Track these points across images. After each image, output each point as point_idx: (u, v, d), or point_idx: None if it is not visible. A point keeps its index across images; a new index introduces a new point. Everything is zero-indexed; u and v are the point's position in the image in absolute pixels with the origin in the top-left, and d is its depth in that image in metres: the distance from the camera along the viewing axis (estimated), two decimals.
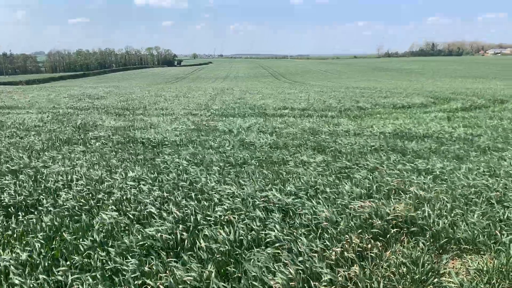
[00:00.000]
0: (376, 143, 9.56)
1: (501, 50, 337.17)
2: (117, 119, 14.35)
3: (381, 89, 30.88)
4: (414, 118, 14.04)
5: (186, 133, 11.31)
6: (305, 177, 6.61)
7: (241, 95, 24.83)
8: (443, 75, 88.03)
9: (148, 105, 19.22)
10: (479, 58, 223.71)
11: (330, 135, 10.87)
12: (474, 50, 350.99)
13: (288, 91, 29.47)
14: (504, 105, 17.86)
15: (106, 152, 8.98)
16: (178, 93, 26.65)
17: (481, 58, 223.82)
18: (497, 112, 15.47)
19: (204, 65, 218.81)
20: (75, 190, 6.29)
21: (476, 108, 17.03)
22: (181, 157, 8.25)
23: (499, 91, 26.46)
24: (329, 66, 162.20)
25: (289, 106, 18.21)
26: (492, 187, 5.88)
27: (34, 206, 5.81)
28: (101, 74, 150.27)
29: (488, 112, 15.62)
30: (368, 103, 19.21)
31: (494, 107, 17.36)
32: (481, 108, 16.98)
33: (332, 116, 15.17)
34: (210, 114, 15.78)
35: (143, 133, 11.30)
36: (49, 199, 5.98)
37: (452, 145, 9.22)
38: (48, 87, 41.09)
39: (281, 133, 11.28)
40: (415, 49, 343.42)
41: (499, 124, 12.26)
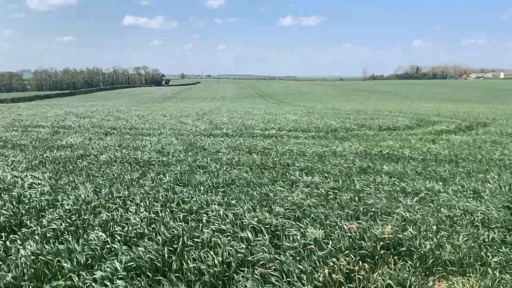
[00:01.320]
0: (362, 164, 9.66)
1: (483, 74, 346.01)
2: (104, 139, 14.26)
3: (367, 111, 31.31)
4: (400, 140, 14.23)
5: (173, 152, 11.27)
6: (293, 197, 6.63)
7: (228, 115, 24.93)
8: (428, 98, 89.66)
9: (135, 124, 19.16)
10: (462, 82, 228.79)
11: (317, 156, 10.94)
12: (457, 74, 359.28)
13: (275, 111, 29.70)
14: (487, 127, 18.24)
15: (92, 172, 8.89)
16: (165, 113, 26.65)
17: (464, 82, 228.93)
18: (480, 134, 15.78)
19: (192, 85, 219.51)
20: (61, 210, 6.20)
21: (460, 131, 17.35)
22: (168, 177, 8.21)
23: (482, 114, 27.04)
24: (317, 88, 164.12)
25: (277, 127, 18.33)
26: (476, 209, 5.97)
27: (18, 226, 5.70)
28: (88, 93, 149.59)
29: (472, 134, 15.93)
30: (354, 124, 19.44)
31: (477, 129, 17.71)
32: (465, 131, 17.31)
33: (320, 137, 15.30)
34: (198, 134, 15.79)
35: (130, 153, 11.23)
36: (33, 219, 5.87)
37: (437, 167, 9.36)
38: (34, 105, 40.74)
39: (269, 153, 11.32)
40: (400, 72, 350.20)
41: (483, 147, 12.50)
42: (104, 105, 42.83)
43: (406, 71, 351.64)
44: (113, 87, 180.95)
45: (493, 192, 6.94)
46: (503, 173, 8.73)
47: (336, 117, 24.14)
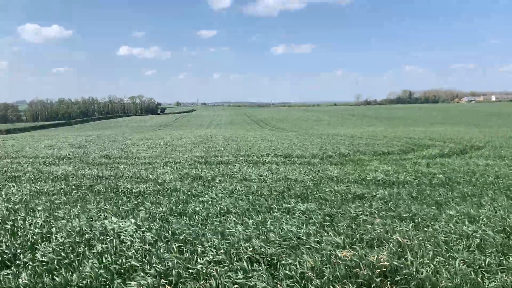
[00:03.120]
0: (358, 190, 9.67)
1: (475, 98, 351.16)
2: (99, 168, 14.23)
3: (361, 136, 31.51)
4: (395, 165, 14.29)
5: (169, 182, 11.25)
6: (289, 225, 6.61)
7: (224, 142, 25.00)
8: (421, 122, 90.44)
9: (130, 153, 19.15)
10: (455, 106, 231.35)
11: (313, 182, 10.95)
12: (449, 98, 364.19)
13: (270, 138, 29.83)
14: (481, 151, 18.38)
15: (87, 203, 8.84)
16: (161, 141, 26.68)
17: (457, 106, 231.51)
18: (474, 158, 15.89)
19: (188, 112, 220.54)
20: (55, 243, 6.14)
21: (454, 154, 17.47)
22: (164, 206, 8.18)
23: (475, 138, 27.28)
24: (311, 113, 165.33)
25: (272, 153, 18.38)
26: (472, 234, 5.97)
27: (11, 260, 5.62)
28: (84, 122, 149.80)
29: (466, 158, 16.03)
30: (349, 149, 19.54)
31: (471, 153, 17.84)
32: (459, 154, 17.42)
33: (315, 163, 15.33)
34: (193, 161, 15.79)
35: (126, 182, 11.20)
36: (27, 253, 5.80)
37: (432, 191, 9.39)
38: (29, 135, 40.69)
39: (265, 180, 11.32)
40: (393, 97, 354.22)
41: (476, 170, 12.57)
42: (100, 134, 42.87)
43: (399, 95, 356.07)
44: (108, 116, 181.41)
45: (488, 216, 6.95)
46: (498, 196, 8.77)
47: (331, 142, 24.26)
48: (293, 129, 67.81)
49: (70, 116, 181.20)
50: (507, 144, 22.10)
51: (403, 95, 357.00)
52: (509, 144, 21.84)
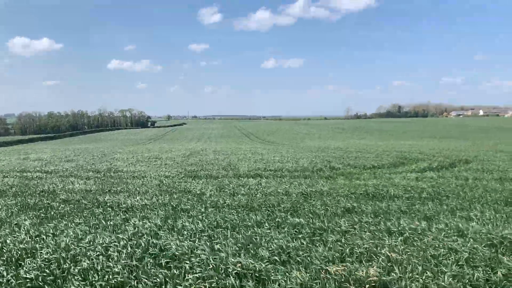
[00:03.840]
0: (348, 204, 9.67)
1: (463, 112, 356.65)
2: (87, 182, 14.08)
3: (351, 149, 31.65)
4: (384, 178, 14.35)
5: (158, 196, 11.15)
6: (278, 240, 6.56)
7: (214, 156, 24.93)
8: (410, 136, 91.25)
9: (119, 167, 18.99)
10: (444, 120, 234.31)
11: (303, 196, 10.94)
12: (438, 112, 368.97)
13: (261, 151, 29.82)
14: (469, 165, 18.55)
15: (74, 218, 8.71)
16: (150, 155, 26.53)
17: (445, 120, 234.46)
18: (462, 172, 16.02)
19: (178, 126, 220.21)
20: (40, 259, 6.02)
21: (443, 168, 17.60)
22: (152, 221, 8.08)
23: (464, 151, 27.56)
24: (301, 127, 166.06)
25: (262, 167, 18.35)
26: (460, 248, 5.98)
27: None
28: (73, 136, 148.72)
29: (454, 172, 16.16)
30: (339, 163, 19.59)
31: (460, 166, 18.00)
32: (448, 168, 17.56)
33: (305, 177, 15.33)
34: (183, 175, 15.70)
35: (114, 197, 11.08)
36: (10, 270, 5.67)
37: (421, 205, 9.42)
38: (16, 149, 40.23)
39: (255, 194, 11.28)
40: (383, 111, 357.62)
41: (465, 184, 12.67)
42: (89, 148, 42.54)
43: (389, 109, 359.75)
44: (98, 129, 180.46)
45: (476, 230, 6.98)
46: (486, 210, 8.82)
47: (321, 156, 24.32)
48: (284, 143, 67.98)
49: (59, 129, 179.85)
50: (494, 158, 22.35)
51: (393, 109, 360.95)
52: (496, 158, 22.09)
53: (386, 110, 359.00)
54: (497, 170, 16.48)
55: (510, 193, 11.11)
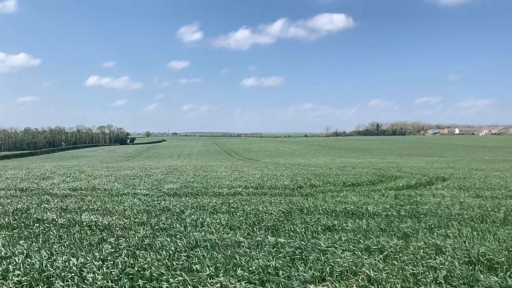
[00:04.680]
0: (328, 222, 9.68)
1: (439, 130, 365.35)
2: (64, 200, 13.75)
3: (331, 167, 31.88)
4: (364, 196, 14.46)
5: (136, 214, 10.96)
6: (258, 259, 6.50)
7: (194, 173, 24.74)
8: (388, 153, 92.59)
9: (97, 185, 18.65)
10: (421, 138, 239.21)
11: (283, 214, 10.91)
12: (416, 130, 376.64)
13: (241, 168, 29.75)
14: (446, 182, 18.88)
15: (49, 237, 8.46)
16: (129, 172, 26.16)
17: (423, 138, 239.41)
18: (440, 189, 16.29)
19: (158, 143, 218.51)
20: (11, 281, 5.80)
21: (421, 186, 17.86)
22: (130, 240, 7.92)
23: (441, 169, 28.08)
24: (282, 144, 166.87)
25: (243, 184, 18.29)
26: (439, 266, 6.03)
27: None
28: (50, 152, 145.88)
29: (432, 189, 16.42)
30: (320, 180, 19.69)
31: (437, 184, 18.30)
32: (425, 186, 17.83)
33: (286, 194, 15.34)
34: (162, 194, 15.51)
35: (91, 216, 10.83)
36: None
37: (400, 223, 9.51)
38: None
39: (235, 212, 11.19)
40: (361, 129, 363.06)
41: (442, 201, 12.87)
42: (66, 165, 41.69)
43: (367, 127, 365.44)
44: (75, 146, 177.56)
45: (454, 247, 7.06)
46: (463, 227, 8.96)
47: (302, 173, 24.40)
48: (264, 160, 68.07)
49: (36, 146, 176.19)
50: (470, 175, 22.83)
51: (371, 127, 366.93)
52: (472, 176, 22.57)
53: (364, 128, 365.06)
54: (473, 187, 16.82)
55: (486, 210, 11.32)
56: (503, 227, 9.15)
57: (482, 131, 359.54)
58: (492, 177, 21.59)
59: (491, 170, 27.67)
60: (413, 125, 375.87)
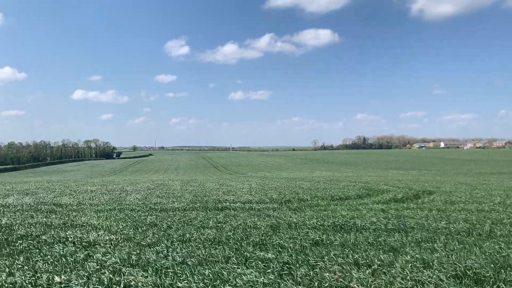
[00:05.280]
0: (317, 236, 9.66)
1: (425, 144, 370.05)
2: (48, 216, 13.50)
3: (319, 180, 31.95)
4: (352, 210, 14.49)
5: (122, 230, 10.80)
6: (246, 275, 6.44)
7: (181, 188, 24.56)
8: (375, 167, 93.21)
9: (83, 200, 18.39)
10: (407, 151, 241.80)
11: (271, 229, 10.86)
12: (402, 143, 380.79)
13: (229, 183, 29.64)
14: (433, 196, 19.05)
15: (32, 254, 8.28)
16: (115, 187, 25.86)
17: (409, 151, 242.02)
18: (426, 203, 16.42)
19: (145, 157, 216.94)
20: None
21: (408, 199, 17.98)
22: (116, 257, 7.78)
23: (427, 183, 28.34)
24: (270, 158, 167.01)
25: (231, 199, 18.20)
26: (426, 280, 6.04)
27: None
28: (35, 167, 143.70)
29: (419, 203, 16.54)
30: (307, 194, 19.69)
31: (423, 198, 18.44)
32: (412, 199, 17.95)
33: (274, 209, 15.28)
34: (149, 209, 15.33)
35: (75, 231, 10.65)
36: None
37: (388, 237, 9.53)
38: None
39: (223, 228, 11.10)
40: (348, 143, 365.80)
41: (429, 215, 12.95)
42: (51, 180, 41.09)
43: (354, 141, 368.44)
44: (61, 161, 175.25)
45: (441, 261, 7.09)
46: (450, 241, 9.01)
47: (290, 187, 24.39)
48: (252, 174, 67.95)
49: (20, 160, 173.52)
50: (456, 189, 23.07)
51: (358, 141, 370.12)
52: (458, 189, 22.81)
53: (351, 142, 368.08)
54: (459, 201, 16.99)
55: (472, 223, 11.43)
56: (489, 240, 9.24)
57: (467, 144, 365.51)
58: (477, 190, 21.85)
59: (477, 183, 28.01)
60: (399, 139, 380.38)
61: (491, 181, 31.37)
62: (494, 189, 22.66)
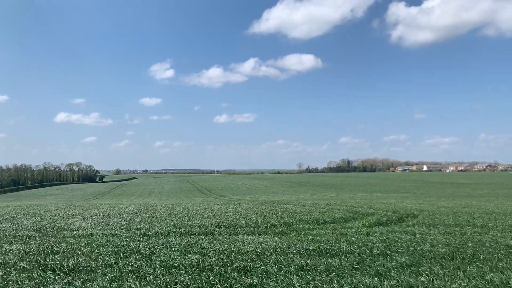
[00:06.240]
0: (302, 261, 9.58)
1: (408, 167, 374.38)
2: (27, 242, 13.14)
3: (304, 204, 31.91)
4: (337, 234, 14.46)
5: (103, 256, 10.55)
6: None
7: (165, 212, 24.23)
8: (360, 190, 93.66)
9: (63, 225, 17.98)
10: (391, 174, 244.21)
11: (256, 254, 10.74)
12: (385, 167, 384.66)
13: (214, 206, 29.38)
14: (416, 219, 19.17)
15: (9, 282, 8.01)
16: (97, 211, 25.39)
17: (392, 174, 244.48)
18: (411, 226, 16.50)
19: (128, 180, 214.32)
20: None
21: (392, 223, 18.04)
22: (96, 285, 7.59)
23: (410, 206, 28.55)
24: (255, 181, 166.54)
25: (215, 223, 18.00)
26: None
27: None
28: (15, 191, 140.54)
29: (403, 226, 16.61)
30: (292, 218, 19.61)
31: (408, 221, 18.54)
32: (397, 223, 18.03)
33: (259, 233, 15.16)
34: (131, 234, 15.06)
35: (55, 258, 10.37)
36: None
37: (373, 261, 9.51)
38: None
39: (207, 253, 10.95)
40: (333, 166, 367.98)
41: (413, 239, 13.00)
42: (31, 204, 40.17)
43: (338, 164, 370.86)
44: (42, 184, 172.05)
45: (426, 286, 7.10)
46: (434, 265, 9.03)
47: (275, 210, 24.28)
48: (237, 197, 67.55)
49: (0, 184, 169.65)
50: (439, 212, 23.27)
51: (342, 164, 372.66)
52: (441, 212, 23.01)
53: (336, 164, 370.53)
54: (442, 224, 17.12)
55: (455, 247, 11.49)
56: (472, 264, 9.29)
57: (449, 167, 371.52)
58: (460, 213, 22.07)
59: (459, 207, 28.31)
60: (383, 162, 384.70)
61: (473, 204, 31.76)
62: (475, 212, 22.93)
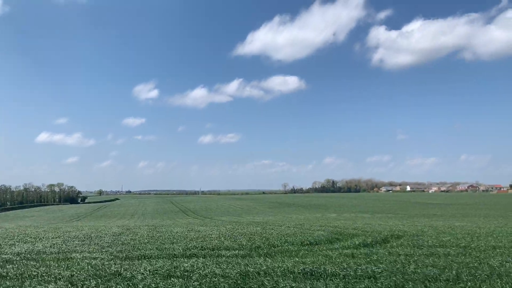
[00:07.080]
0: (287, 284, 9.48)
1: (392, 187, 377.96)
2: (4, 266, 12.73)
3: (289, 225, 31.74)
4: (321, 256, 14.38)
5: (83, 281, 10.28)
6: None
7: (148, 234, 23.82)
8: (345, 211, 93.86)
9: (43, 248, 17.50)
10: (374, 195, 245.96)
11: (241, 277, 10.60)
12: (369, 187, 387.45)
13: (198, 228, 29.02)
14: (401, 240, 19.21)
15: None
16: (78, 233, 24.83)
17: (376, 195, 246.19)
18: (395, 247, 16.52)
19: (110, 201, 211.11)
20: None
21: (377, 244, 18.05)
22: None
23: (395, 227, 28.66)
24: (240, 202, 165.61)
25: (199, 245, 17.74)
26: None
27: None
28: None
29: (387, 247, 16.61)
30: (278, 239, 19.46)
31: (392, 242, 18.56)
32: (381, 244, 18.04)
33: (243, 256, 14.98)
34: (113, 257, 14.73)
35: (33, 283, 10.05)
36: None
37: (357, 284, 9.45)
38: None
39: (190, 277, 10.75)
40: (318, 186, 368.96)
41: (398, 260, 13.00)
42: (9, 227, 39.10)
43: (323, 184, 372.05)
44: (21, 206, 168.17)
45: None
46: (418, 286, 9.02)
47: (260, 232, 24.09)
48: (222, 218, 66.93)
49: None
50: (423, 233, 23.39)
51: (327, 184, 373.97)
52: (425, 233, 23.13)
53: (321, 185, 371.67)
54: (426, 245, 17.18)
55: (439, 268, 11.52)
56: (456, 285, 9.31)
57: (432, 188, 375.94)
58: (443, 234, 22.22)
59: (442, 227, 28.52)
60: (367, 182, 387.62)
61: (455, 225, 32.04)
62: (459, 233, 23.12)
